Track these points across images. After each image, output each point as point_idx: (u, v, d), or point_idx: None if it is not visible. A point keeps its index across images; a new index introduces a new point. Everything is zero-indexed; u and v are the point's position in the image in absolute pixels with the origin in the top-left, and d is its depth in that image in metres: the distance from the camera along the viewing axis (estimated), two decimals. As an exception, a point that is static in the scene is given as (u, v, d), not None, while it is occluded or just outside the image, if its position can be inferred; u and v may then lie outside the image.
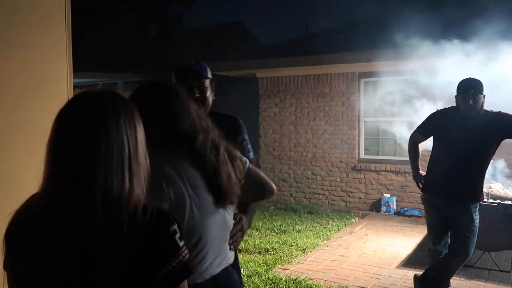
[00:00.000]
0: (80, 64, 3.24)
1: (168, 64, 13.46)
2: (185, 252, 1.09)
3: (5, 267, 1.10)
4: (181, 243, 1.08)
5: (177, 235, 1.08)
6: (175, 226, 1.09)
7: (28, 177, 2.28)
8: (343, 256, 5.30)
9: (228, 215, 1.66)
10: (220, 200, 1.57)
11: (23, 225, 1.09)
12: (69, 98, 2.83)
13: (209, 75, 2.27)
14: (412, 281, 4.00)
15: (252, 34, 17.38)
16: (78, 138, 1.04)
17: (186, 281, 1.08)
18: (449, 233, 3.66)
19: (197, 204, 1.52)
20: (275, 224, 6.66)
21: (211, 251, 1.58)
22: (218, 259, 1.62)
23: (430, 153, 3.80)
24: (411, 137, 3.92)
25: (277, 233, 6.23)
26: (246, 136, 2.36)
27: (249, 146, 2.35)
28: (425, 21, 6.28)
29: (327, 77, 8.13)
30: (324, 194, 8.24)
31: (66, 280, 1.00)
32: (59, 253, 1.00)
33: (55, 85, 2.75)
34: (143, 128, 1.13)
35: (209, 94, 2.24)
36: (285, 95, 8.55)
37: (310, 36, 10.13)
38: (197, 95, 2.18)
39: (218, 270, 1.61)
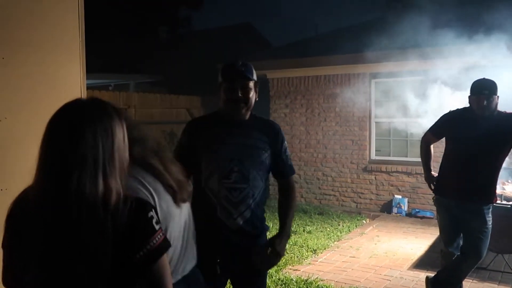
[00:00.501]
0: (92, 66, 3.27)
1: (177, 65, 13.54)
2: (161, 234, 1.30)
3: (3, 245, 1.33)
4: (157, 227, 1.29)
5: (154, 220, 1.29)
6: (152, 212, 1.30)
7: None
8: (354, 257, 5.28)
9: (183, 213, 1.68)
10: (175, 199, 1.62)
11: (21, 210, 1.31)
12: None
13: (254, 77, 2.31)
14: (424, 283, 3.97)
15: (262, 35, 17.40)
16: (58, 146, 1.25)
17: (164, 256, 1.29)
18: (462, 234, 3.63)
19: (162, 204, 1.55)
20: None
21: (178, 251, 1.63)
22: (186, 258, 1.66)
23: (442, 154, 3.77)
24: (423, 138, 3.90)
25: (287, 234, 6.22)
26: (286, 141, 2.45)
27: (288, 152, 2.45)
28: (437, 21, 6.24)
29: (338, 77, 8.11)
30: (334, 195, 8.22)
31: (61, 259, 1.21)
32: (52, 237, 1.21)
33: (69, 86, 2.78)
34: (122, 132, 1.32)
35: (252, 95, 2.27)
36: (295, 96, 8.54)
37: (320, 37, 10.10)
38: (240, 95, 2.22)
39: (188, 269, 1.67)
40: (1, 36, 2.41)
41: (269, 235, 2.48)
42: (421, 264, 5.01)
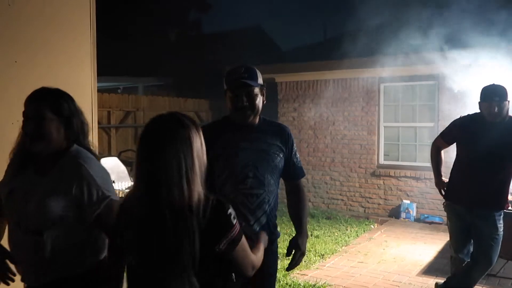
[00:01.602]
0: (101, 68, 3.29)
1: (186, 68, 13.59)
2: (237, 227, 1.54)
3: (114, 235, 1.62)
4: (234, 221, 1.53)
5: (232, 216, 1.53)
6: (231, 209, 1.53)
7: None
8: (362, 262, 5.26)
9: None
10: None
11: (125, 209, 1.59)
12: (94, 101, 2.88)
13: (259, 81, 2.26)
14: (433, 289, 3.94)
15: (271, 39, 17.42)
16: (146, 158, 1.49)
17: (240, 243, 1.55)
18: (472, 241, 3.60)
19: None
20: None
21: None
22: None
23: (452, 159, 3.74)
24: (433, 143, 3.87)
25: (295, 238, 6.21)
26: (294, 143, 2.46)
27: (298, 154, 2.49)
28: (447, 25, 6.21)
29: (347, 82, 8.10)
30: (342, 200, 8.19)
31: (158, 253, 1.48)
32: (148, 235, 1.48)
33: (80, 89, 2.80)
34: (199, 140, 1.53)
35: (258, 101, 2.25)
36: (304, 100, 8.54)
37: (329, 41, 10.11)
38: (246, 103, 2.20)
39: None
40: (15, 40, 2.44)
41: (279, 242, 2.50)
42: (430, 270, 4.97)
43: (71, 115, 1.87)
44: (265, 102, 2.31)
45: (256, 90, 2.23)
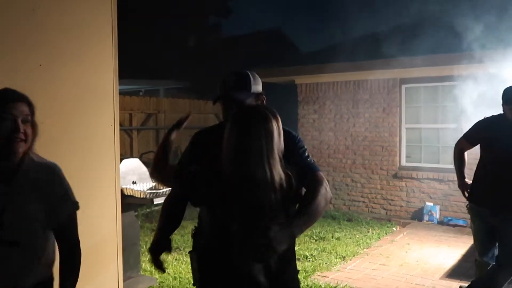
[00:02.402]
0: (123, 71, 3.34)
1: (206, 71, 13.68)
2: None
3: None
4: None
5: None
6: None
7: (73, 176, 2.36)
8: (384, 265, 5.20)
9: None
10: None
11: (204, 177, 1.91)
12: (116, 104, 2.92)
13: (253, 90, 2.11)
14: (457, 293, 3.87)
15: (291, 41, 17.40)
16: (234, 142, 1.80)
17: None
18: (497, 244, 3.52)
19: None
20: (313, 231, 6.60)
21: None
22: None
23: (475, 160, 3.67)
24: (456, 144, 3.81)
25: (316, 240, 6.18)
26: (304, 145, 2.10)
27: (307, 154, 2.08)
28: (472, 26, 6.10)
29: (368, 83, 8.03)
30: (364, 202, 8.11)
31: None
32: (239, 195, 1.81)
33: (102, 91, 2.85)
34: (277, 130, 1.81)
35: None
36: (324, 102, 8.49)
37: (349, 42, 10.04)
38: None
39: None
40: (40, 44, 2.49)
41: (297, 241, 2.36)
42: (454, 273, 4.88)
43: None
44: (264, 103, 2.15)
45: (249, 101, 2.06)
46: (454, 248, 5.83)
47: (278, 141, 1.81)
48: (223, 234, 1.85)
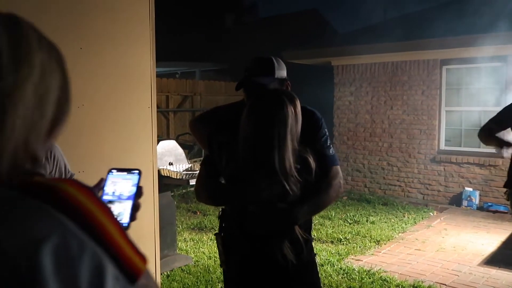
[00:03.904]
0: (160, 54, 3.39)
1: (242, 52, 13.65)
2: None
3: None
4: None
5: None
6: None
7: (112, 157, 2.43)
8: (419, 250, 5.13)
9: None
10: None
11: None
12: (153, 86, 2.98)
13: (277, 75, 2.03)
14: (495, 280, 3.78)
15: (328, 21, 17.09)
16: (249, 130, 1.80)
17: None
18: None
19: None
20: (348, 214, 6.58)
21: None
22: None
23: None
24: (484, 128, 3.64)
25: (350, 224, 6.16)
26: (326, 131, 2.06)
27: (329, 142, 2.05)
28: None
29: (406, 64, 7.82)
30: (400, 186, 7.98)
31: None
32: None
33: (140, 74, 2.91)
34: (292, 115, 1.78)
35: None
36: (361, 84, 8.35)
37: (389, 22, 9.76)
38: None
39: None
40: (80, 28, 2.56)
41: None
42: (493, 260, 4.76)
43: None
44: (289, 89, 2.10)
45: (272, 86, 2.00)
46: (494, 234, 5.68)
47: (294, 127, 1.79)
48: (241, 216, 1.90)
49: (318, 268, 2.04)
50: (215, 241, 2.13)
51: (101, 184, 1.07)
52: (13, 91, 0.61)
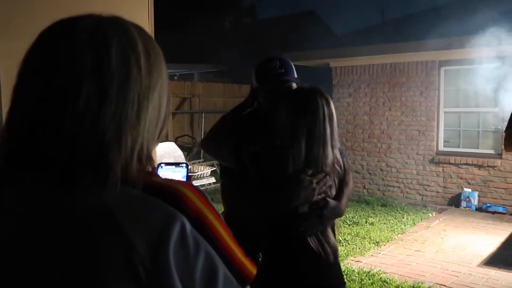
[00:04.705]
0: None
1: (241, 54, 13.66)
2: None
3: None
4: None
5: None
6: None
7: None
8: (419, 251, 5.13)
9: None
10: None
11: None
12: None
13: (295, 75, 2.11)
14: (494, 281, 3.79)
15: (326, 23, 17.12)
16: (283, 122, 1.80)
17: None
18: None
19: None
20: (347, 215, 6.58)
21: None
22: None
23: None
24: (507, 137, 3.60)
25: (349, 225, 6.15)
26: None
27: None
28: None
29: (404, 65, 7.83)
30: (399, 187, 7.99)
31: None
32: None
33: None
34: (328, 113, 1.80)
35: None
36: (359, 85, 8.35)
37: (386, 24, 9.80)
38: None
39: None
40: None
41: None
42: (492, 261, 4.76)
43: None
44: None
45: (294, 85, 2.05)
46: (493, 235, 5.68)
47: (336, 123, 1.85)
48: (289, 218, 1.83)
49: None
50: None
51: None
52: (148, 93, 0.68)
